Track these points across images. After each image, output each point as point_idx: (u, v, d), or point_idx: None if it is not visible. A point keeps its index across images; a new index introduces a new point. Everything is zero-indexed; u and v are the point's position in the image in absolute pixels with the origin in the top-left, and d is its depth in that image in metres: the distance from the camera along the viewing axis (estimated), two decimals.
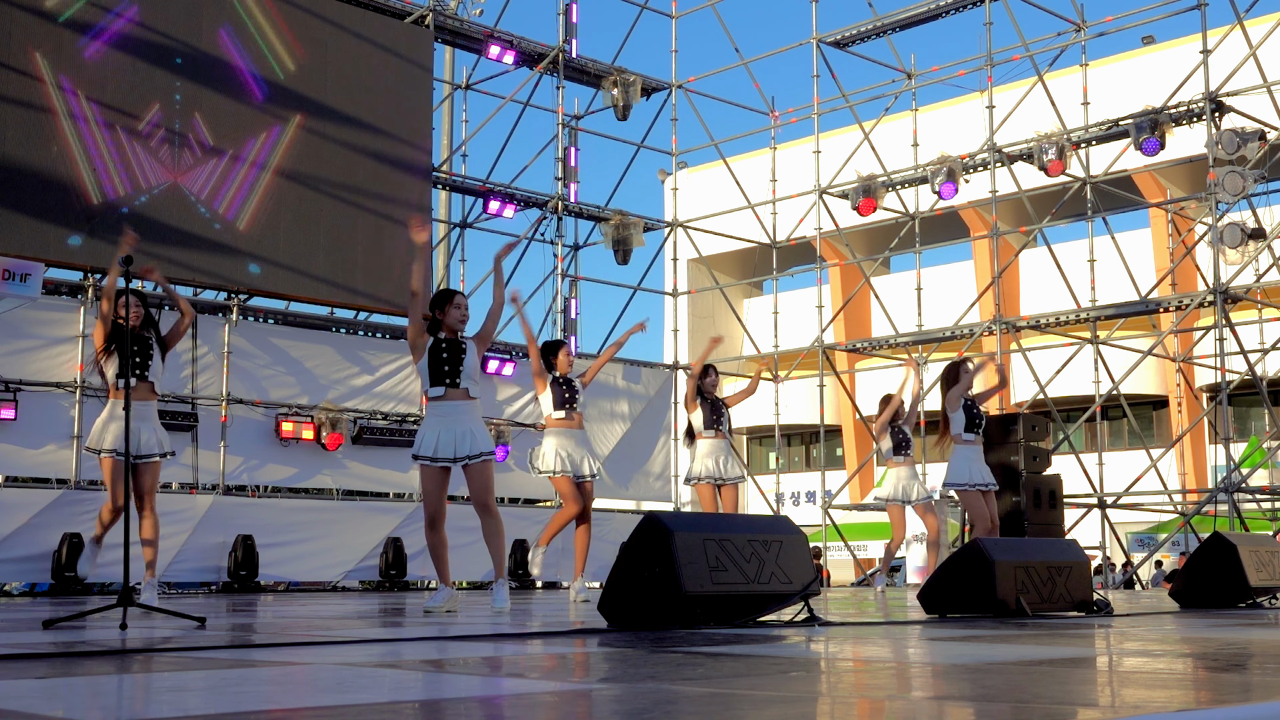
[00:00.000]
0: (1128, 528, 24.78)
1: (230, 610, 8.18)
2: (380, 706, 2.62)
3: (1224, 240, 16.98)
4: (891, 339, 21.41)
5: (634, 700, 2.74)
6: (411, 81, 17.75)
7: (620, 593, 5.62)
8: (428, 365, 7.09)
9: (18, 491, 13.75)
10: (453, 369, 7.08)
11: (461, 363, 7.10)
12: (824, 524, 21.04)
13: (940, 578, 6.93)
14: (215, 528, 14.66)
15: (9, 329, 13.86)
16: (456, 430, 7.08)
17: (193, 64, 15.62)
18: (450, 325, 7.19)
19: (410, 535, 16.26)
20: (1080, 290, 19.27)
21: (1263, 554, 8.80)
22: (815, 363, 21.99)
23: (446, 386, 7.08)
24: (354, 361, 16.88)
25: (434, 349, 7.10)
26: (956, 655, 4.12)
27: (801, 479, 32.96)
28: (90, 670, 3.54)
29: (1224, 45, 18.67)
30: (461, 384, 7.11)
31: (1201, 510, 18.73)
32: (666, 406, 20.98)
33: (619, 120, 20.64)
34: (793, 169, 24.83)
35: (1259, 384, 18.68)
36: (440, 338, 7.16)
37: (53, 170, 14.36)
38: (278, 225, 16.12)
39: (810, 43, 21.08)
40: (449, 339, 7.17)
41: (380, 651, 4.21)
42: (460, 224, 20.59)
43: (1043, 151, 18.59)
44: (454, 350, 7.12)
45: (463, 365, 7.10)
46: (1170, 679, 3.33)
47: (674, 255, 22.86)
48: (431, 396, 7.13)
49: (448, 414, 7.10)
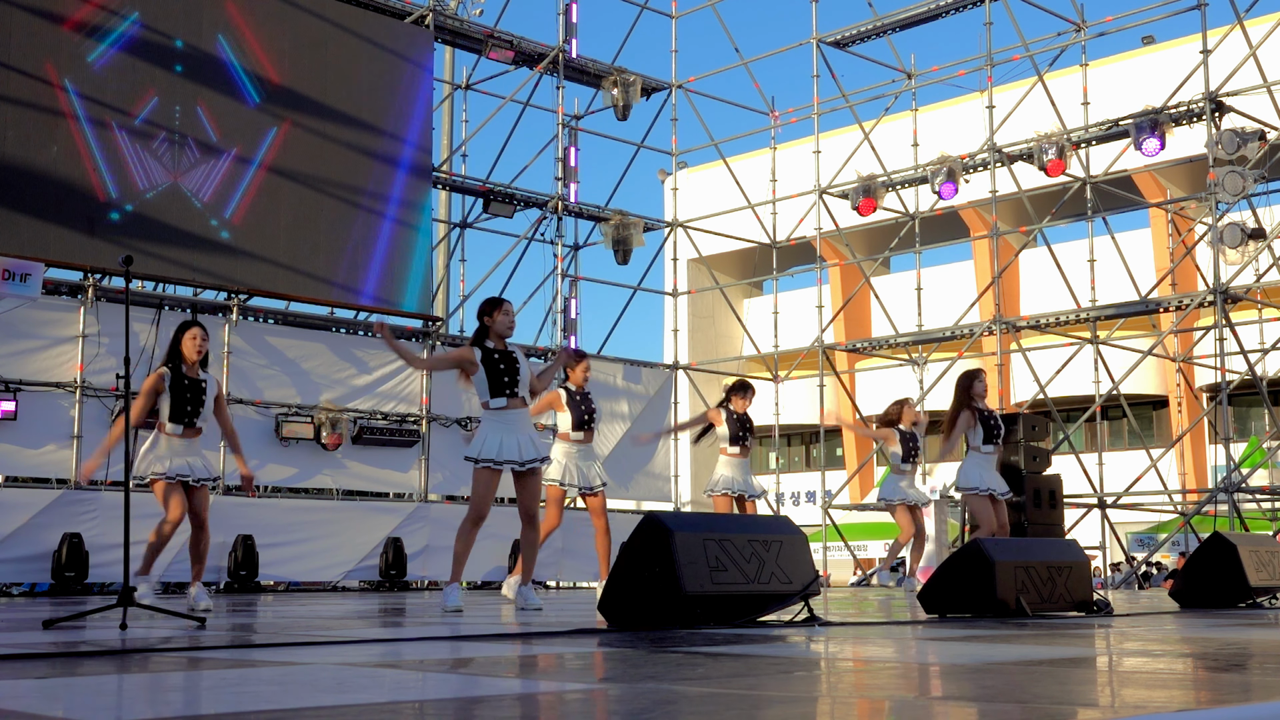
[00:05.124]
0: (1128, 528, 24.77)
1: (230, 610, 8.18)
2: (380, 706, 2.62)
3: (1224, 240, 16.98)
4: (891, 339, 21.42)
5: (634, 700, 2.74)
6: (412, 81, 17.74)
7: (620, 593, 5.62)
8: (487, 377, 7.27)
9: (18, 491, 13.75)
10: (511, 379, 7.32)
11: (519, 373, 7.37)
12: (824, 524, 21.04)
13: (940, 578, 6.93)
14: (215, 528, 14.44)
15: (9, 329, 13.85)
16: (519, 438, 7.34)
17: (193, 64, 15.62)
18: (499, 331, 7.37)
19: (410, 535, 16.25)
20: (1080, 290, 19.27)
21: (1263, 554, 8.80)
22: (815, 363, 21.99)
23: (508, 397, 7.32)
24: (353, 361, 16.86)
25: (492, 361, 7.28)
26: (957, 655, 4.12)
27: (801, 479, 32.96)
28: (90, 670, 3.54)
29: (1224, 45, 18.67)
30: (520, 393, 7.38)
31: (1201, 510, 18.73)
32: (666, 406, 20.97)
33: (619, 120, 20.64)
34: (793, 169, 24.83)
35: (1259, 384, 18.67)
36: (492, 349, 7.33)
37: (53, 170, 14.36)
38: (277, 225, 16.11)
39: (810, 43, 21.08)
40: (501, 351, 7.35)
41: (380, 651, 4.21)
42: (460, 224, 20.59)
43: (1043, 151, 18.58)
44: (509, 362, 7.34)
45: (519, 375, 7.37)
46: (1170, 679, 3.33)
47: (674, 255, 22.86)
48: (494, 407, 7.33)
49: (510, 422, 7.35)
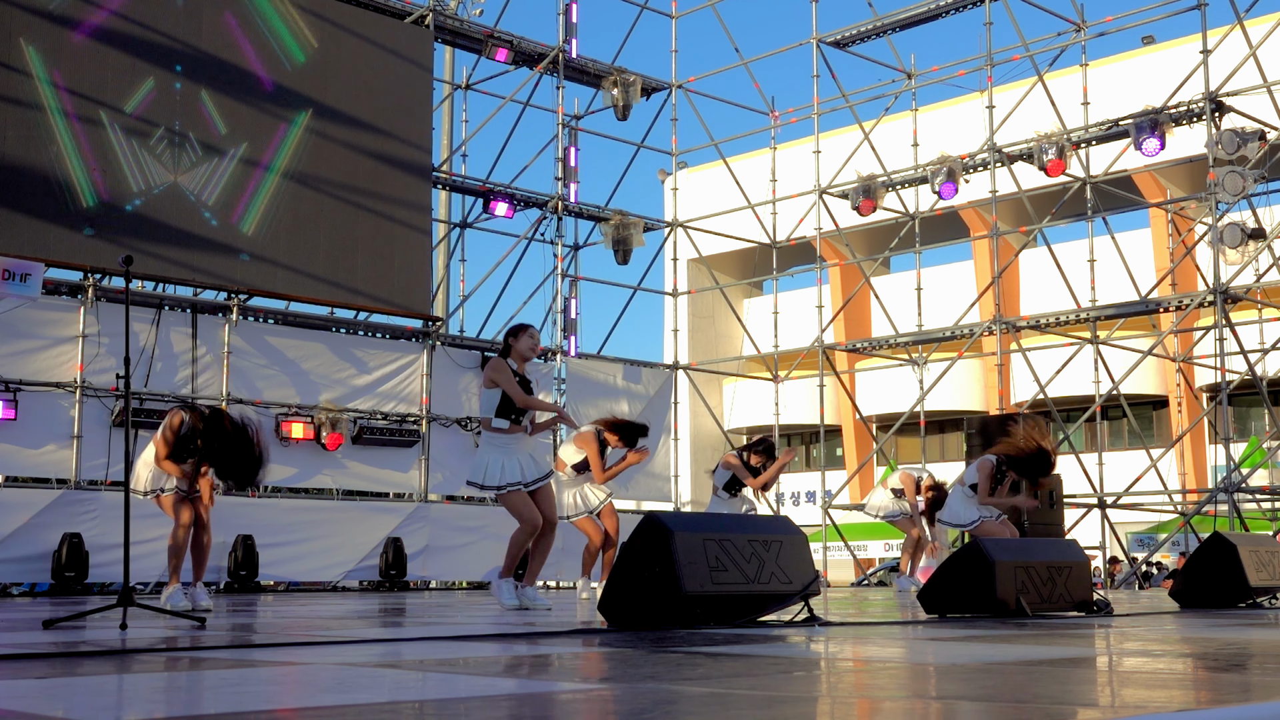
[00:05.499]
0: (1128, 528, 24.77)
1: (230, 610, 8.18)
2: (380, 706, 2.62)
3: (1224, 240, 16.97)
4: (891, 339, 21.41)
5: (634, 700, 2.74)
6: (411, 81, 17.74)
7: (620, 593, 5.62)
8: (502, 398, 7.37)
9: (18, 491, 13.75)
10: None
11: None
12: (824, 524, 21.04)
13: (940, 578, 6.93)
14: (215, 528, 14.52)
15: (9, 329, 13.85)
16: (520, 458, 7.46)
17: (193, 64, 15.62)
18: (521, 353, 7.47)
19: (410, 535, 16.26)
20: (1080, 290, 19.26)
21: (1263, 554, 8.80)
22: (815, 363, 21.99)
23: (512, 422, 7.43)
24: (353, 361, 16.85)
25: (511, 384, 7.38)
26: (957, 655, 4.12)
27: (801, 479, 32.94)
28: (90, 670, 3.54)
29: (1224, 45, 18.66)
30: (525, 421, 7.50)
31: (1201, 510, 18.72)
32: (666, 406, 20.97)
33: (619, 120, 20.64)
34: (793, 169, 24.82)
35: (1259, 384, 18.66)
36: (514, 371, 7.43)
37: (53, 170, 14.36)
38: (278, 225, 16.11)
39: (810, 43, 21.07)
40: (521, 376, 7.44)
41: (380, 651, 4.21)
42: (460, 224, 20.59)
43: (1043, 151, 18.58)
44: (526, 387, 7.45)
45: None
46: (1170, 679, 3.33)
47: (674, 255, 22.85)
48: (496, 428, 7.41)
49: (510, 444, 7.46)
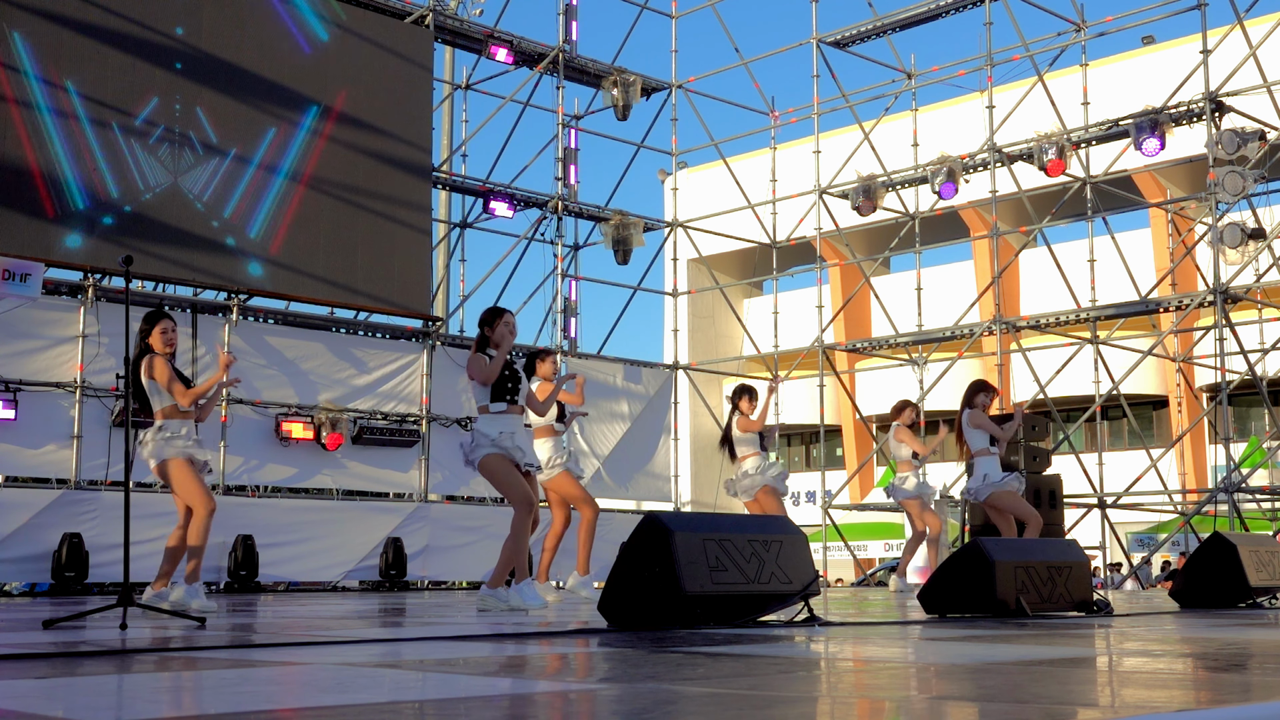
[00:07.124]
0: (1128, 528, 24.77)
1: (230, 610, 8.18)
2: (380, 706, 2.62)
3: (1224, 240, 16.97)
4: (891, 339, 21.41)
5: (634, 700, 2.74)
6: (411, 81, 17.74)
7: (620, 593, 5.62)
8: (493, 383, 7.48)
9: (18, 491, 13.74)
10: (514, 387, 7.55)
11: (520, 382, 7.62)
12: (824, 524, 21.04)
13: (940, 578, 6.93)
14: (215, 528, 14.42)
15: (9, 329, 13.85)
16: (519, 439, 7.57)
17: (193, 64, 15.62)
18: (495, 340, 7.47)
19: (410, 535, 16.25)
20: (1080, 290, 19.26)
21: (1263, 554, 8.80)
22: (815, 363, 21.98)
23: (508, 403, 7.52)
24: (353, 361, 16.85)
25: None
26: (957, 655, 4.12)
27: (801, 479, 32.93)
28: (90, 670, 3.54)
29: (1224, 45, 18.66)
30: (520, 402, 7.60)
31: (1201, 510, 18.73)
32: (666, 406, 20.97)
33: (619, 120, 20.64)
34: (793, 169, 24.81)
35: (1259, 384, 18.67)
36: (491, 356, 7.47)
37: (53, 170, 14.35)
38: (277, 225, 16.11)
39: (810, 43, 21.07)
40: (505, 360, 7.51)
41: (380, 651, 4.21)
42: (460, 224, 20.59)
43: (1043, 151, 18.58)
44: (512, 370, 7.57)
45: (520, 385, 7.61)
46: (1170, 679, 3.33)
47: (674, 255, 22.84)
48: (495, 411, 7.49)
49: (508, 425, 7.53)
